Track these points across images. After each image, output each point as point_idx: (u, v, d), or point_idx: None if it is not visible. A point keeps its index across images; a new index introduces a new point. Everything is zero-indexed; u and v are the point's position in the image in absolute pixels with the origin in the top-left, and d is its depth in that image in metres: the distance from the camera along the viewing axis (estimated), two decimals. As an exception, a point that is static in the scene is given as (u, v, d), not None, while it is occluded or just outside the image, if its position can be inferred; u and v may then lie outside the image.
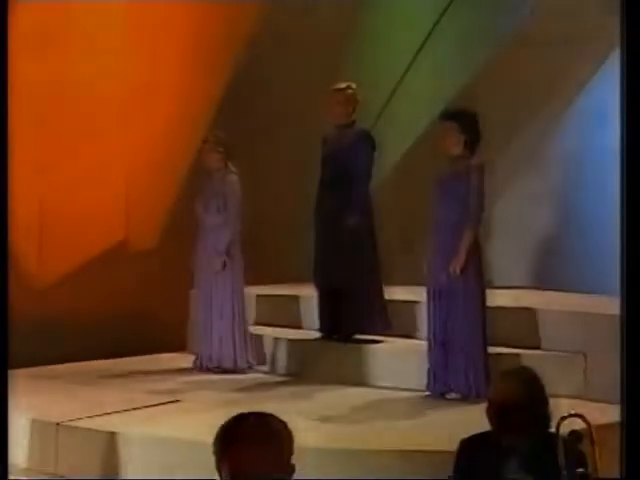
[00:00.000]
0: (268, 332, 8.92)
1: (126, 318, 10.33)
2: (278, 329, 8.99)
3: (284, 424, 3.42)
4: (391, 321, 8.30)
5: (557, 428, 4.29)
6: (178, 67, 11.22)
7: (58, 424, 6.75)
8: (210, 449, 4.76)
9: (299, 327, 9.10)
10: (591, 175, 10.23)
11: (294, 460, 3.31)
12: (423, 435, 6.49)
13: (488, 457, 4.30)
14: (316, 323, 8.77)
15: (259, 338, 8.74)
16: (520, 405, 4.43)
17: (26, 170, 10.39)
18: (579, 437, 4.30)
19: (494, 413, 4.45)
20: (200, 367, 8.56)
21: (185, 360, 8.91)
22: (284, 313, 9.27)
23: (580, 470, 4.12)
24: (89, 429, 6.67)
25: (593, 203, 10.14)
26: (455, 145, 7.45)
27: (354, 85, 8.59)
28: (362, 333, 8.46)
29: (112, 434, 6.51)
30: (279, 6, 10.91)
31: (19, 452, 6.80)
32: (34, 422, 6.84)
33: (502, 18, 10.78)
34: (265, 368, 8.71)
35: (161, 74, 11.15)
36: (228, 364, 8.47)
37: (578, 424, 4.22)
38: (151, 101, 11.13)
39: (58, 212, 10.63)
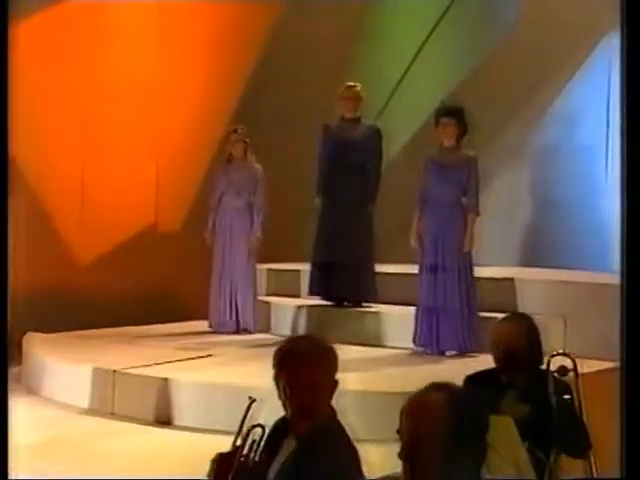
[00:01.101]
0: (275, 300, 9.12)
1: (153, 291, 10.52)
2: (284, 298, 9.16)
3: (330, 346, 3.72)
4: (377, 292, 8.46)
5: (547, 364, 4.69)
6: (204, 64, 11.22)
7: (115, 371, 6.97)
8: (246, 392, 5.06)
9: (298, 296, 9.18)
10: (566, 169, 10.37)
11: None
12: (423, 379, 6.58)
13: (489, 390, 4.46)
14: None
15: (267, 305, 8.98)
16: (519, 346, 4.71)
17: (70, 159, 10.65)
18: (565, 371, 4.73)
19: (497, 352, 4.73)
20: (219, 330, 8.76)
21: (204, 325, 9.10)
22: (289, 285, 9.38)
23: (566, 397, 4.53)
24: (143, 375, 6.90)
25: (568, 193, 10.27)
26: (450, 138, 7.67)
27: (359, 85, 8.72)
28: (351, 301, 8.64)
29: (164, 379, 6.73)
30: (293, 8, 10.92)
31: (81, 396, 7.07)
32: (94, 370, 7.05)
33: (490, 27, 10.82)
34: (274, 331, 8.86)
35: (189, 70, 11.18)
36: (243, 327, 8.72)
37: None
38: (179, 96, 11.16)
39: (96, 199, 10.76)
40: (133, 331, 8.97)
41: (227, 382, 6.68)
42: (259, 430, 3.75)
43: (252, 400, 3.83)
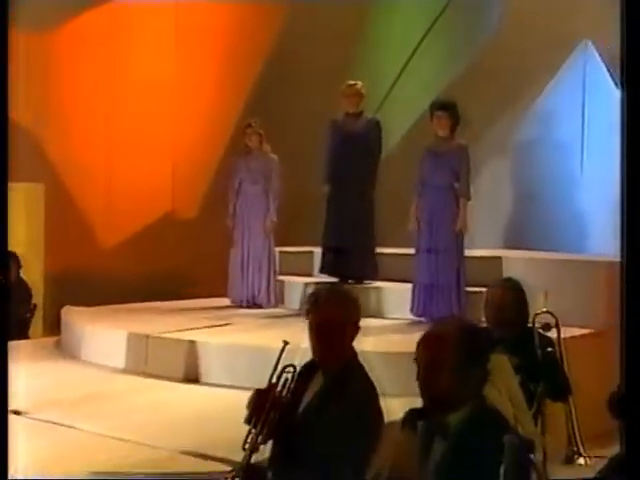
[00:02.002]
0: (288, 279, 9.15)
1: (170, 273, 10.54)
2: (297, 277, 9.19)
3: (353, 297, 4.00)
4: (378, 270, 8.52)
5: (533, 321, 5.02)
6: (217, 62, 11.18)
7: (148, 336, 7.13)
8: (264, 353, 5.56)
9: (310, 275, 9.21)
10: (545, 162, 10.45)
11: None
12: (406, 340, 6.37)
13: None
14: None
15: (281, 283, 9.01)
16: (508, 305, 4.99)
17: (95, 152, 10.75)
18: (549, 327, 5.05)
19: (489, 312, 5.02)
20: (238, 304, 8.80)
21: (220, 302, 9.09)
22: (301, 265, 9.40)
23: (549, 349, 4.84)
24: (173, 339, 7.05)
25: (547, 183, 10.36)
26: (444, 128, 7.71)
27: (361, 83, 8.71)
28: (355, 279, 8.56)
29: (192, 342, 6.88)
30: (300, 11, 10.83)
31: (117, 358, 7.23)
32: (129, 335, 7.20)
33: (475, 33, 10.81)
34: (286, 305, 8.90)
35: (204, 68, 11.14)
36: (260, 301, 8.75)
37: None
38: (195, 91, 11.12)
39: (119, 189, 10.87)
40: (158, 305, 9.01)
41: (248, 344, 6.82)
42: (291, 369, 3.98)
43: (285, 343, 4.05)
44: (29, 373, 6.88)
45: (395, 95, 11.07)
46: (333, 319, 3.87)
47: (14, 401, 5.76)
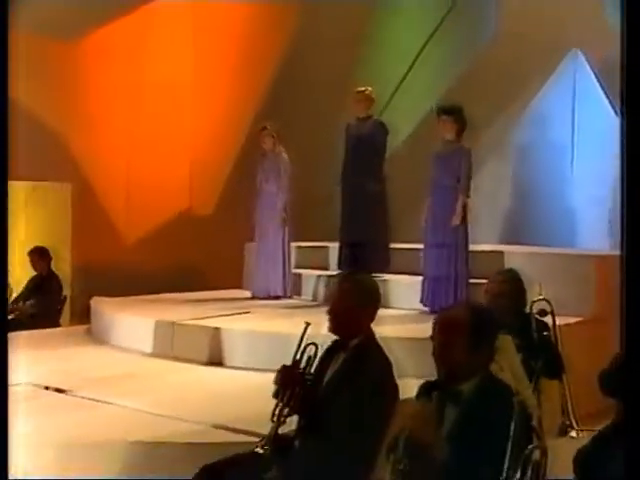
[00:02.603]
0: (305, 272, 9.16)
1: (188, 266, 10.68)
2: (311, 270, 9.20)
3: (369, 284, 4.18)
4: (390, 262, 8.46)
5: (530, 307, 5.20)
6: (234, 65, 11.18)
7: (174, 323, 7.20)
8: (282, 338, 5.77)
9: (326, 269, 9.20)
10: (539, 162, 10.57)
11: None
12: (419, 329, 6.43)
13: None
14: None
15: (298, 276, 9.02)
16: (509, 293, 5.21)
17: (117, 150, 10.84)
18: (545, 313, 5.25)
19: (489, 298, 5.19)
20: (256, 295, 8.80)
21: (235, 293, 9.15)
22: (316, 260, 9.41)
23: (545, 333, 5.07)
24: (198, 325, 7.11)
25: (543, 182, 10.47)
26: (449, 132, 7.64)
27: (370, 88, 8.69)
28: (370, 272, 8.19)
29: (216, 328, 6.94)
30: (309, 19, 10.89)
31: (145, 343, 7.27)
32: (156, 322, 7.27)
33: (473, 41, 10.87)
34: (301, 296, 8.92)
35: (220, 70, 11.15)
36: (277, 293, 8.77)
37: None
38: (211, 93, 11.13)
39: (139, 188, 10.93)
40: (179, 296, 9.03)
41: (267, 331, 6.90)
42: (313, 347, 4.14)
43: (307, 324, 4.17)
44: (66, 356, 7.16)
45: (399, 97, 11.06)
46: (350, 303, 4.04)
47: (55, 381, 6.02)
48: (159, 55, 11.04)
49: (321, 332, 4.14)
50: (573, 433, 5.05)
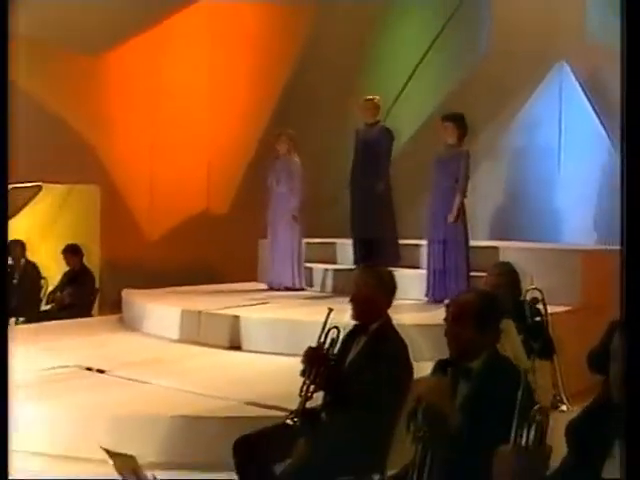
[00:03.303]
0: (315, 266, 9.22)
1: (206, 261, 10.77)
2: (320, 264, 9.26)
3: (384, 275, 4.37)
4: (400, 257, 8.53)
5: (525, 296, 5.41)
6: (249, 72, 11.28)
7: (200, 312, 7.30)
8: (296, 325, 5.93)
9: (334, 263, 9.32)
10: (528, 164, 10.61)
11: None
12: (430, 317, 6.87)
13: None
14: (347, 260, 8.99)
15: (308, 269, 9.09)
16: (505, 283, 5.35)
17: (141, 155, 10.96)
18: (537, 301, 5.44)
19: (490, 289, 5.24)
20: (271, 287, 8.89)
21: (251, 286, 9.20)
22: (324, 255, 9.47)
23: (537, 319, 5.26)
24: (221, 314, 7.22)
25: (533, 183, 10.50)
26: (452, 137, 7.74)
27: (377, 97, 8.79)
28: (381, 265, 8.74)
29: (236, 317, 7.07)
30: (321, 27, 10.98)
31: (173, 330, 7.39)
32: (183, 311, 7.37)
33: (469, 53, 10.95)
34: (312, 288, 8.98)
35: (236, 78, 11.23)
36: (290, 284, 8.83)
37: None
38: (228, 100, 11.18)
39: (161, 189, 11.07)
40: (201, 288, 9.10)
41: (284, 318, 7.04)
42: (335, 330, 4.30)
43: (330, 310, 4.32)
44: (102, 342, 7.34)
45: (401, 103, 11.06)
46: (370, 292, 4.25)
47: (96, 363, 6.22)
48: (177, 66, 11.13)
49: (344, 320, 4.35)
50: (564, 407, 5.16)
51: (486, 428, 3.16)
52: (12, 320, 8.39)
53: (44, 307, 9.22)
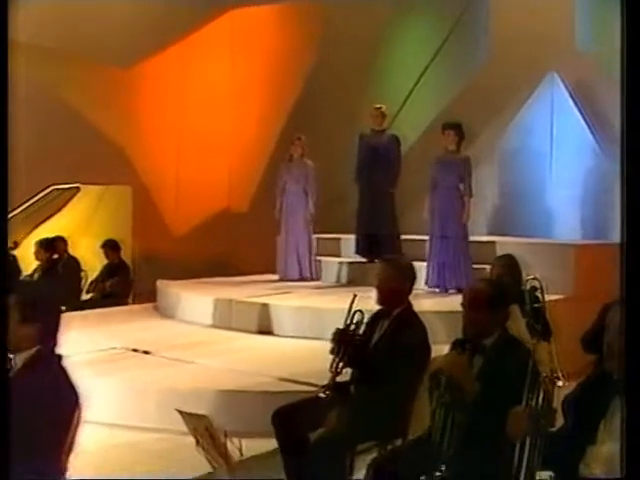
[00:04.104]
0: (324, 259, 9.35)
1: (227, 255, 11.00)
2: (330, 257, 9.41)
3: (405, 264, 4.62)
4: (402, 251, 8.56)
5: (525, 284, 5.52)
6: (267, 81, 11.45)
7: (231, 300, 7.50)
8: (317, 311, 6.10)
9: (339, 256, 9.47)
10: (524, 166, 10.64)
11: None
12: (438, 304, 7.06)
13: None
14: (351, 254, 9.09)
15: (319, 262, 9.25)
16: (508, 273, 5.69)
17: (168, 159, 11.17)
18: (535, 288, 5.56)
19: (495, 277, 5.67)
20: (287, 279, 9.00)
21: (270, 277, 9.25)
22: (331, 249, 9.62)
23: (535, 305, 5.37)
24: (251, 302, 7.40)
25: (525, 183, 10.54)
26: (451, 143, 8.00)
27: (385, 105, 8.94)
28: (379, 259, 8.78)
29: (265, 304, 7.27)
30: (331, 43, 11.07)
31: (206, 317, 7.53)
32: (216, 300, 7.55)
33: (469, 63, 11.02)
34: (323, 280, 9.12)
35: (254, 87, 11.38)
36: (304, 276, 8.99)
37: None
38: (246, 107, 11.36)
39: (187, 191, 11.29)
40: (227, 280, 9.21)
41: (307, 305, 7.26)
42: (359, 314, 4.51)
43: (355, 295, 4.53)
44: (142, 328, 7.55)
45: (407, 108, 11.14)
46: (393, 280, 4.50)
47: (140, 345, 6.47)
48: (201, 77, 11.34)
49: (367, 307, 4.56)
50: (560, 383, 5.31)
51: (498, 394, 3.46)
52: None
53: (85, 296, 9.46)
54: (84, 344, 6.26)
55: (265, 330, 7.21)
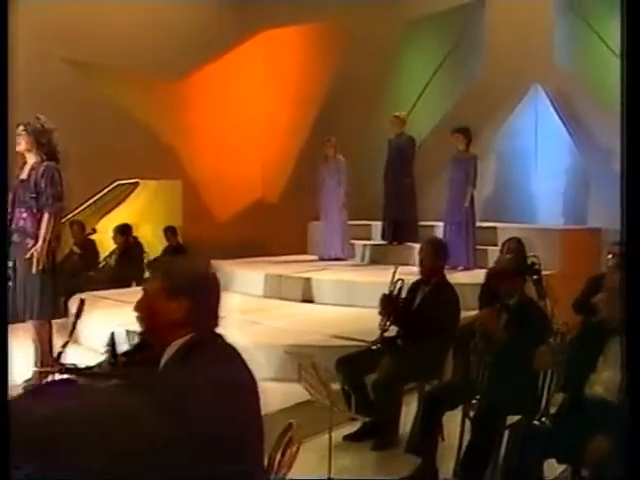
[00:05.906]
0: (355, 242, 9.50)
1: (264, 238, 11.13)
2: (360, 240, 9.56)
3: (439, 241, 5.09)
4: (417, 235, 8.75)
5: (527, 260, 6.08)
6: (296, 90, 11.42)
7: (281, 275, 7.76)
8: (350, 283, 6.39)
9: (369, 239, 9.69)
10: (513, 162, 10.79)
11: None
12: (466, 277, 7.15)
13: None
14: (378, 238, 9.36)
15: (352, 244, 9.41)
16: (515, 250, 6.14)
17: (211, 157, 11.28)
18: (535, 263, 6.02)
19: (510, 253, 6.02)
20: (323, 258, 9.17)
21: (306, 257, 9.39)
22: (361, 233, 9.80)
23: (535, 277, 5.77)
24: (295, 277, 7.63)
25: (512, 179, 10.74)
26: (461, 144, 8.27)
27: (404, 113, 9.27)
28: (405, 242, 8.93)
29: (307, 279, 7.55)
30: (350, 56, 10.98)
31: (258, 289, 7.74)
32: (267, 275, 7.76)
33: (467, 73, 11.10)
34: (356, 259, 9.31)
35: (286, 93, 11.39)
36: (340, 255, 9.17)
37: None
38: (279, 110, 11.40)
39: (228, 184, 11.36)
40: (267, 259, 9.34)
41: (343, 279, 7.51)
42: (401, 281, 4.97)
43: (397, 267, 5.01)
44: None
45: (415, 113, 11.14)
46: (432, 256, 4.95)
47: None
48: (240, 87, 11.39)
49: (406, 281, 4.95)
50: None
51: (522, 339, 4.02)
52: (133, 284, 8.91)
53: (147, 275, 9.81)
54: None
55: (308, 299, 7.50)
